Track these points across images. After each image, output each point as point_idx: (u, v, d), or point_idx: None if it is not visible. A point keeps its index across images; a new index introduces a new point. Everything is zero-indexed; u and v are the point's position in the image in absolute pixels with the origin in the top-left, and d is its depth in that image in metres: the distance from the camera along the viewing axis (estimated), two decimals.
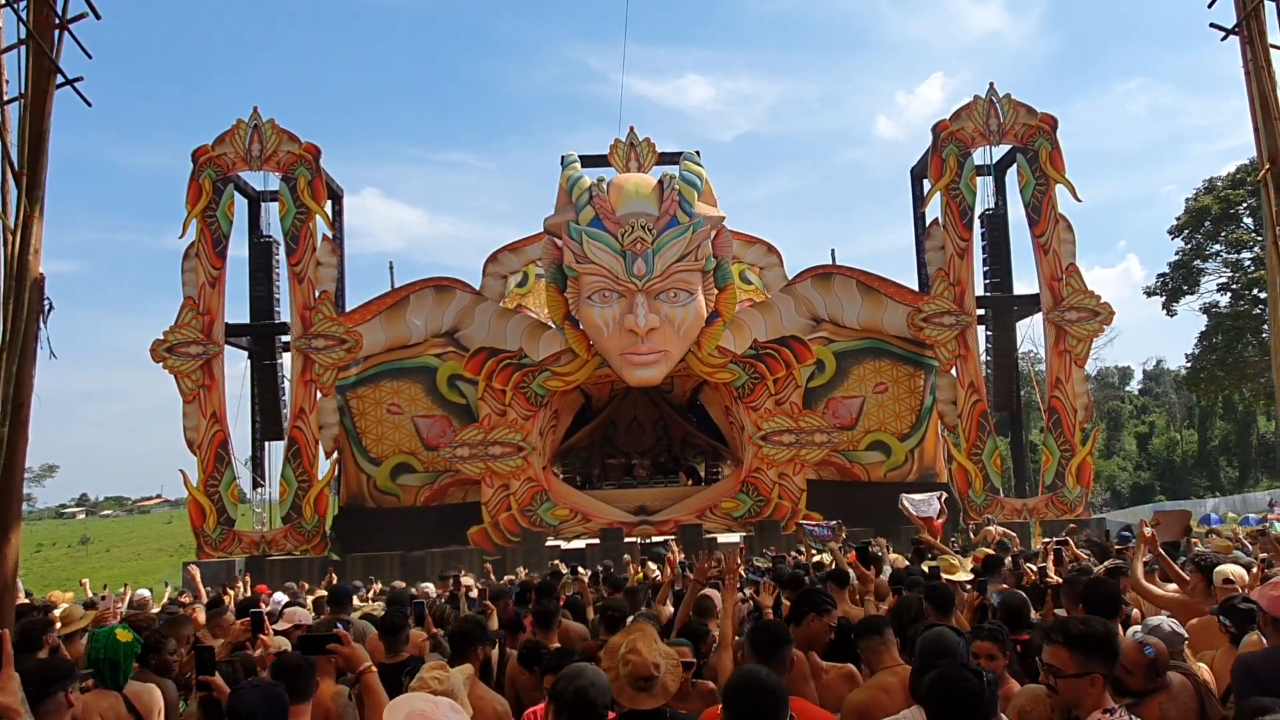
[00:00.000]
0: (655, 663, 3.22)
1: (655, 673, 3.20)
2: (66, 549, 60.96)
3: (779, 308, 22.17)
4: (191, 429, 21.07)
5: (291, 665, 3.44)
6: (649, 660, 3.21)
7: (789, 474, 21.41)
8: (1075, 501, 21.80)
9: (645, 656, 3.22)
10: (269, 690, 2.89)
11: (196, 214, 21.39)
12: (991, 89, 22.65)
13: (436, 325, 21.99)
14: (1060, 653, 3.05)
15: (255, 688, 2.91)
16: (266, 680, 3.12)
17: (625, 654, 3.26)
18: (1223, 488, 48.86)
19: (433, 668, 3.55)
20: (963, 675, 2.67)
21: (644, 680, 3.20)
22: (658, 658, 3.24)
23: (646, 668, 3.20)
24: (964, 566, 8.18)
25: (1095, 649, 2.99)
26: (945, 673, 2.70)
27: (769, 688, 2.79)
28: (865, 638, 4.14)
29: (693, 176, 19.58)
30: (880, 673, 3.99)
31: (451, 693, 3.24)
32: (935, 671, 2.75)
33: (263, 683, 3.04)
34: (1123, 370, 67.31)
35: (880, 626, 4.16)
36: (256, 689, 2.89)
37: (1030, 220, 22.41)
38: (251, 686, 2.94)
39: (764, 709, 2.75)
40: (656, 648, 3.29)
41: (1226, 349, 33.94)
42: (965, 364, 21.94)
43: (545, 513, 21.17)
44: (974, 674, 2.67)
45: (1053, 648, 3.09)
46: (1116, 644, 3.06)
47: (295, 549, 21.24)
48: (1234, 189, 33.28)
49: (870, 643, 4.10)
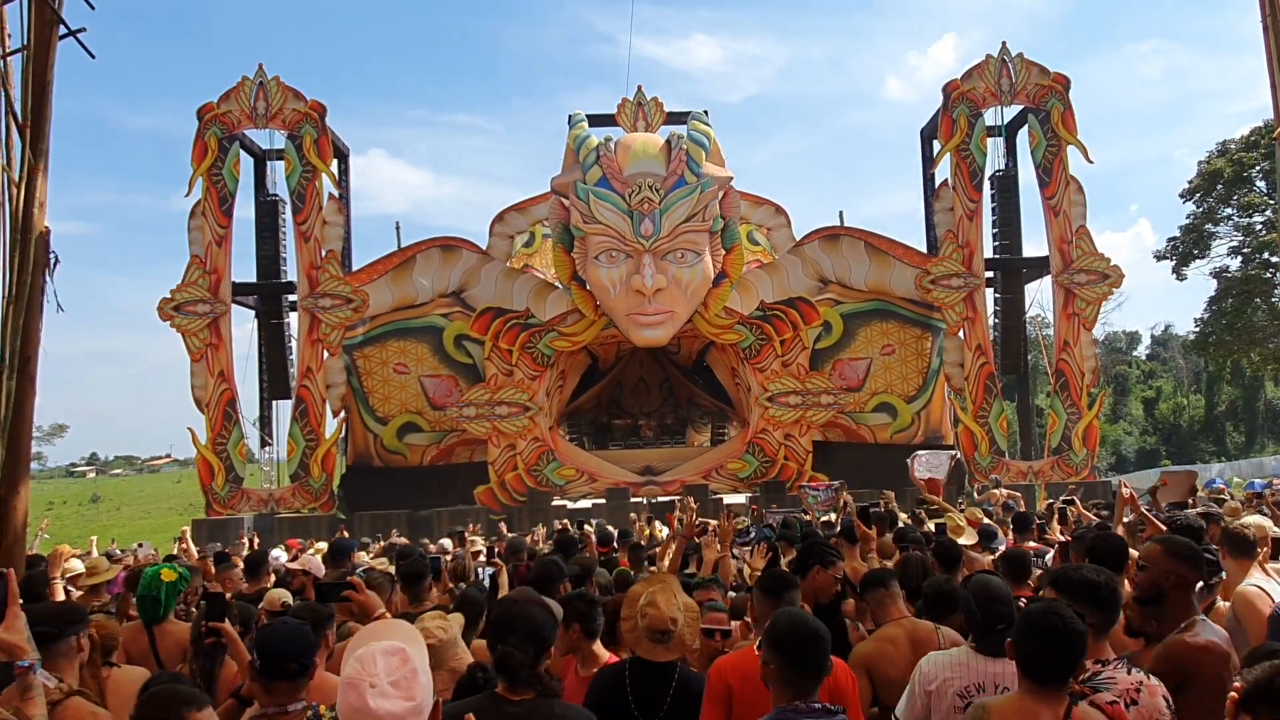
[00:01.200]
0: (673, 616, 3.21)
1: (672, 627, 3.20)
2: (77, 507, 61.48)
3: (786, 269, 22.07)
4: (199, 387, 21.13)
5: (309, 616, 3.46)
6: (666, 614, 3.20)
7: (795, 435, 21.43)
8: (1081, 465, 21.80)
9: (663, 610, 3.21)
10: (297, 627, 2.89)
11: (202, 172, 21.29)
12: (1004, 48, 22.35)
13: (443, 285, 21.94)
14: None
15: (284, 624, 2.93)
16: (293, 620, 3.12)
17: (644, 606, 3.25)
18: (1229, 453, 48.83)
19: (435, 617, 3.56)
20: (1064, 612, 2.63)
21: (661, 634, 3.20)
22: (676, 612, 3.23)
23: (664, 621, 3.19)
24: (968, 528, 8.19)
25: (1088, 597, 2.93)
26: (1046, 608, 2.67)
27: (816, 630, 2.78)
28: (871, 590, 4.17)
29: (700, 136, 19.43)
30: (887, 624, 4.01)
31: (453, 643, 3.25)
32: (1037, 606, 2.71)
33: (291, 620, 3.05)
34: (1130, 335, 67.02)
35: (887, 579, 4.18)
36: (285, 625, 2.91)
37: (1041, 182, 22.21)
38: (281, 623, 2.96)
39: (816, 650, 2.73)
40: (676, 601, 3.27)
41: (1236, 314, 33.71)
42: (973, 326, 21.85)
43: (551, 472, 21.25)
44: (1074, 614, 2.65)
45: (1050, 595, 3.08)
46: (1108, 593, 3.00)
47: (303, 507, 21.37)
48: (1247, 151, 32.90)
49: (876, 595, 4.13)
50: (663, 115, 20.67)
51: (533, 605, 2.94)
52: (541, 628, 2.82)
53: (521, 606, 2.91)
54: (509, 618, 2.83)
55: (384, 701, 1.92)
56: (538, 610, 2.89)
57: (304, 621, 3.02)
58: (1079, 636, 2.60)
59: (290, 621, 2.96)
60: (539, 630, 2.81)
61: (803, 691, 2.68)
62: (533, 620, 2.82)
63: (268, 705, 2.78)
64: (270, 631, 2.88)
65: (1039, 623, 2.61)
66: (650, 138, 19.92)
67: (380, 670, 1.95)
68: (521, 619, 2.82)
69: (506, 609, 2.95)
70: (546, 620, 2.87)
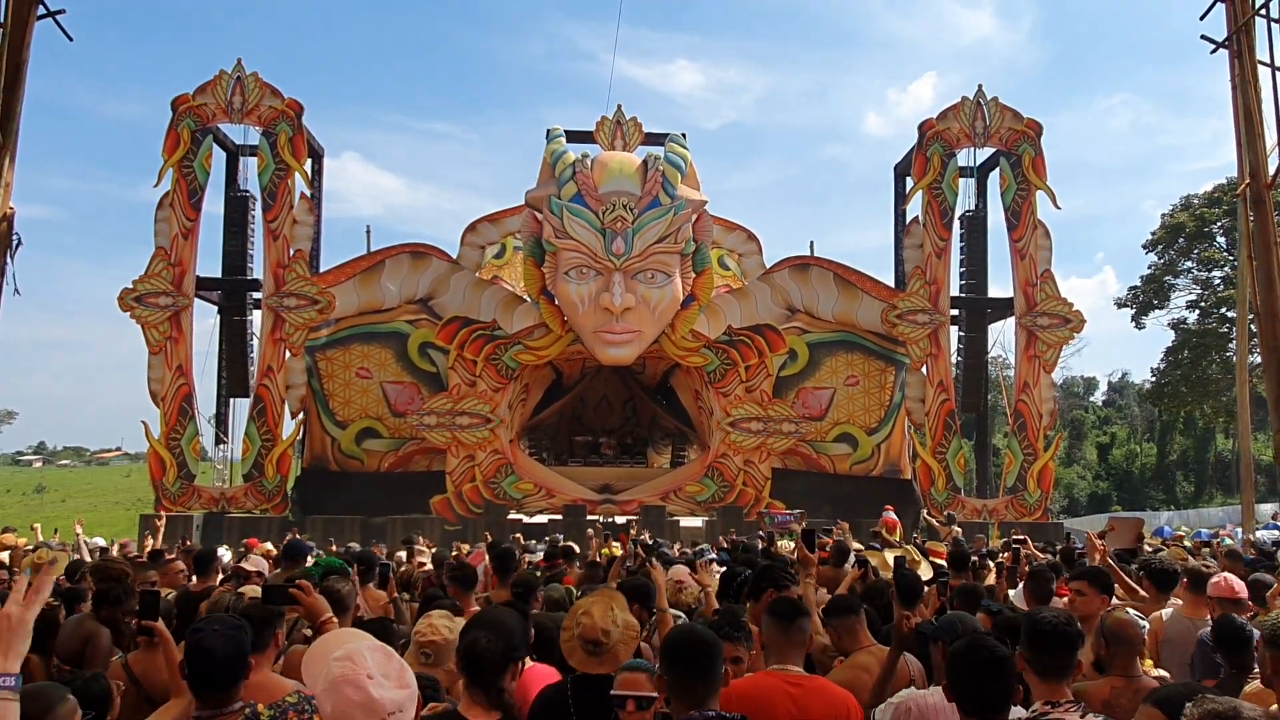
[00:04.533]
0: (605, 629, 3.20)
1: (604, 639, 3.18)
2: (21, 496, 60.19)
3: (755, 295, 22.20)
4: (156, 380, 20.80)
5: (257, 616, 3.37)
6: (599, 625, 3.19)
7: (755, 461, 21.49)
8: (1035, 505, 22.05)
9: (597, 620, 3.20)
10: (231, 629, 2.81)
11: (173, 163, 21.05)
12: (980, 91, 22.73)
13: (411, 291, 21.82)
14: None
15: (216, 626, 2.81)
16: (230, 618, 3.04)
17: (579, 615, 3.25)
18: (1178, 502, 49.56)
19: (441, 615, 3.53)
20: (989, 643, 2.68)
21: (592, 645, 3.18)
22: (609, 625, 3.22)
23: (595, 632, 3.18)
24: (924, 562, 8.24)
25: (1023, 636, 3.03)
26: (972, 642, 2.71)
27: (705, 639, 2.79)
28: (840, 616, 4.06)
29: (677, 158, 19.53)
30: (857, 653, 3.96)
31: (453, 644, 3.21)
32: (961, 644, 2.75)
33: (225, 620, 2.95)
34: (1088, 380, 68.03)
35: (856, 606, 4.12)
36: (218, 628, 2.80)
37: (1009, 224, 22.55)
38: (212, 625, 2.83)
39: (703, 659, 2.73)
40: (612, 615, 3.26)
41: (1191, 365, 34.39)
42: (936, 363, 22.09)
43: (509, 486, 21.13)
44: (998, 643, 2.69)
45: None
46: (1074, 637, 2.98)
47: (255, 508, 21.07)
48: (1210, 207, 33.67)
49: (846, 622, 4.04)
50: (641, 135, 20.76)
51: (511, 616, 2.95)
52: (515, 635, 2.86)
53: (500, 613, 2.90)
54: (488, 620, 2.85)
55: (386, 691, 1.96)
56: (514, 620, 2.89)
57: (239, 625, 2.89)
58: (1009, 663, 2.65)
59: (219, 629, 2.80)
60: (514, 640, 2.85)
61: (695, 701, 2.68)
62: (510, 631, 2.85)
63: (201, 710, 2.74)
64: (199, 640, 2.74)
65: (968, 658, 2.64)
66: (627, 157, 19.99)
67: (372, 664, 1.99)
68: (499, 625, 2.82)
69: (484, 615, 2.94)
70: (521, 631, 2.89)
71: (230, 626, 2.82)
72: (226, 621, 2.88)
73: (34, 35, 6.37)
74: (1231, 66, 6.95)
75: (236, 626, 2.84)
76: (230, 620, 2.93)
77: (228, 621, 2.89)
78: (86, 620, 4.51)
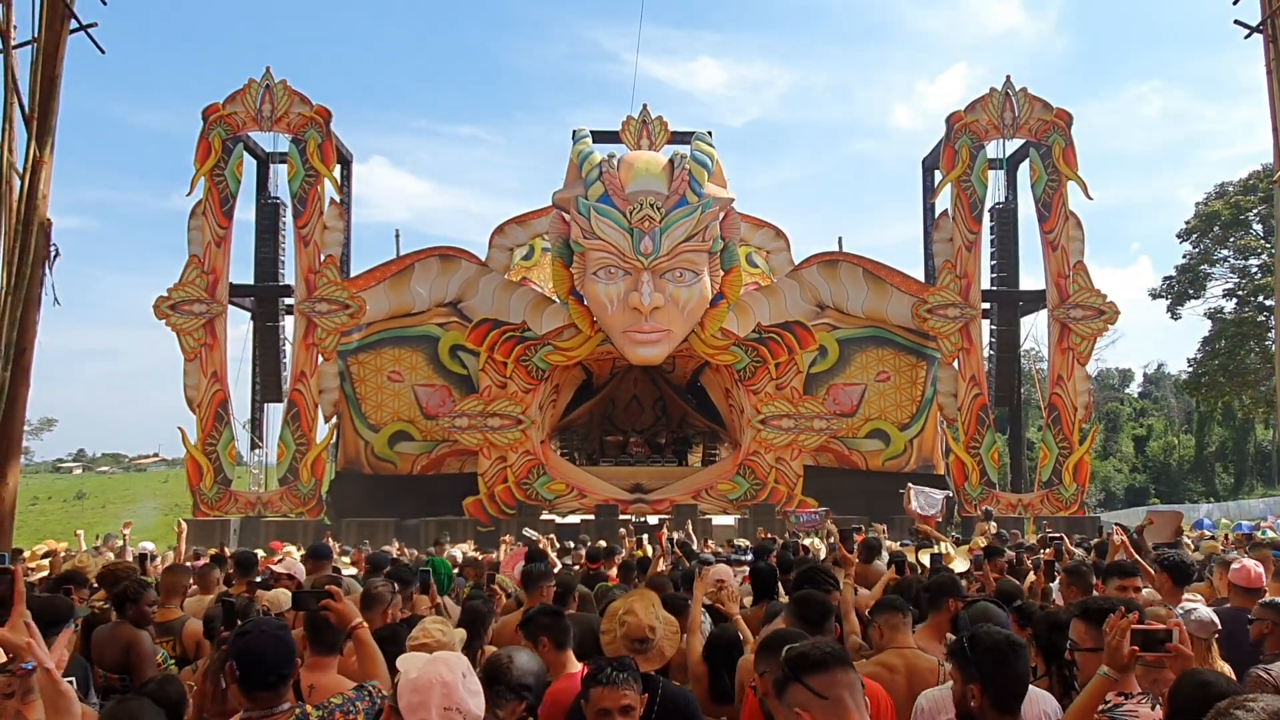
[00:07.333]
0: (651, 625, 3.22)
1: (650, 635, 3.21)
2: (62, 503, 61.07)
3: (784, 292, 22.12)
4: (192, 387, 21.07)
5: (320, 620, 3.39)
6: (644, 622, 3.21)
7: (786, 459, 21.41)
8: (1071, 499, 21.81)
9: (641, 618, 3.22)
10: (277, 630, 2.81)
11: (205, 172, 21.31)
12: (1008, 82, 22.51)
13: (440, 294, 21.95)
14: (1079, 626, 3.23)
15: (264, 629, 2.79)
16: (273, 619, 3.05)
17: (622, 615, 3.27)
18: (1218, 494, 48.85)
19: (435, 620, 3.55)
20: (1000, 634, 2.77)
21: (639, 641, 3.20)
22: (654, 621, 3.24)
23: (641, 629, 3.20)
24: (960, 556, 8.20)
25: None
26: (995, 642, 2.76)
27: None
28: (886, 613, 3.94)
29: (704, 157, 19.49)
30: (887, 650, 3.84)
31: (449, 647, 3.24)
32: (973, 631, 2.82)
33: (269, 621, 2.95)
34: (1123, 372, 67.22)
35: (903, 606, 3.99)
36: (265, 629, 2.80)
37: (1040, 216, 22.32)
38: (259, 628, 2.81)
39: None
40: (654, 611, 3.29)
41: (1229, 355, 33.82)
42: (968, 357, 21.90)
43: (541, 486, 21.20)
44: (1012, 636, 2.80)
45: (1074, 622, 3.28)
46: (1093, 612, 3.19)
47: (290, 511, 21.28)
48: (1245, 195, 33.11)
49: (892, 619, 3.92)
50: (667, 134, 20.73)
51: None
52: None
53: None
54: None
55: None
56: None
57: (283, 626, 2.88)
58: (1024, 651, 2.77)
59: (266, 631, 2.78)
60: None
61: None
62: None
63: (250, 710, 2.71)
64: (248, 642, 2.73)
65: (994, 654, 2.71)
66: (653, 156, 19.97)
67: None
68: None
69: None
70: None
71: (275, 627, 2.83)
72: (270, 623, 2.90)
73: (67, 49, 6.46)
74: (1266, 51, 6.84)
75: (280, 627, 2.84)
76: (274, 622, 2.95)
77: (271, 623, 2.91)
78: (119, 628, 4.52)
